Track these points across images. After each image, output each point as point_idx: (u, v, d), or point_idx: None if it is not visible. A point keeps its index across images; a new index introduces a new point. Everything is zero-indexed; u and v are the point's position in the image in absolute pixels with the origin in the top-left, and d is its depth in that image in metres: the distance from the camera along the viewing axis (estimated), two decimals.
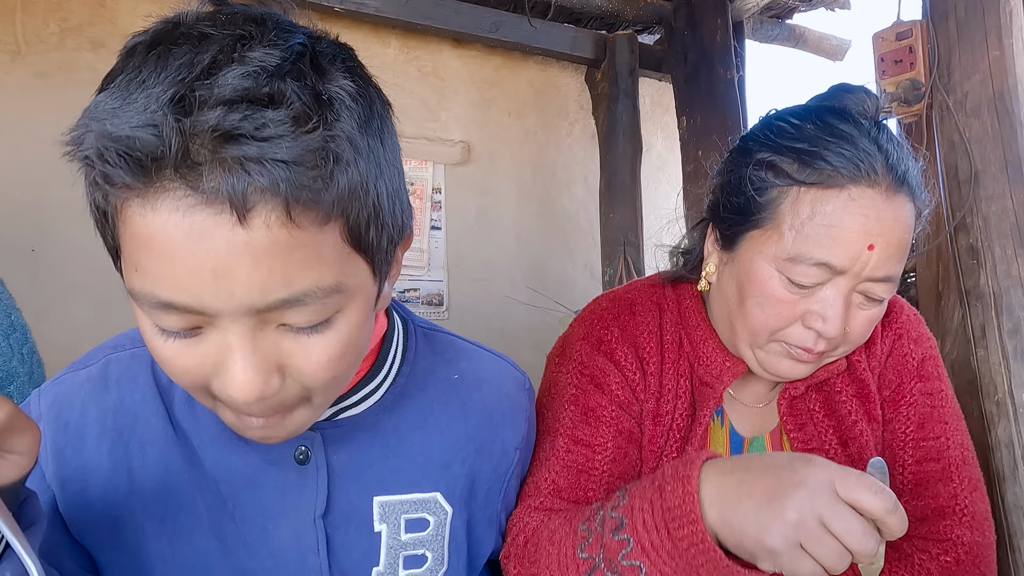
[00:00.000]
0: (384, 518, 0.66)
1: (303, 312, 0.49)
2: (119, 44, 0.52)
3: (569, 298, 2.64)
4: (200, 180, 0.43)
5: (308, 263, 0.48)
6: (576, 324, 0.92)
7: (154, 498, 0.62)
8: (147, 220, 0.45)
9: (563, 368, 0.88)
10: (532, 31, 2.51)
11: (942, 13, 1.52)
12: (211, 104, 0.43)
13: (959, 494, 0.84)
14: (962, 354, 1.56)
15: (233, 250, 0.45)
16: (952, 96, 1.49)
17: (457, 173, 2.59)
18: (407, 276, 2.46)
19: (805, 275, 0.73)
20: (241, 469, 0.63)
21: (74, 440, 0.62)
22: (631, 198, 2.51)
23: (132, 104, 0.44)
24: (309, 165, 0.45)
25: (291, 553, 0.63)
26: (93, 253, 2.23)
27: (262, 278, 0.46)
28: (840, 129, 0.75)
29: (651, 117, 2.95)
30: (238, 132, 0.43)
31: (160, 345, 0.52)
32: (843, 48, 2.96)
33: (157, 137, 0.43)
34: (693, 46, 2.43)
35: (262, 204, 0.45)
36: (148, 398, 0.64)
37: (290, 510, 0.63)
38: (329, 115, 0.47)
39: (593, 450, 0.82)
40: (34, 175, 1.95)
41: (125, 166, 0.44)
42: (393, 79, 2.49)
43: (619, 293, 0.94)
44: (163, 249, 0.46)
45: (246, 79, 0.44)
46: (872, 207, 0.71)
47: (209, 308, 0.47)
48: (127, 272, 0.51)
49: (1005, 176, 1.41)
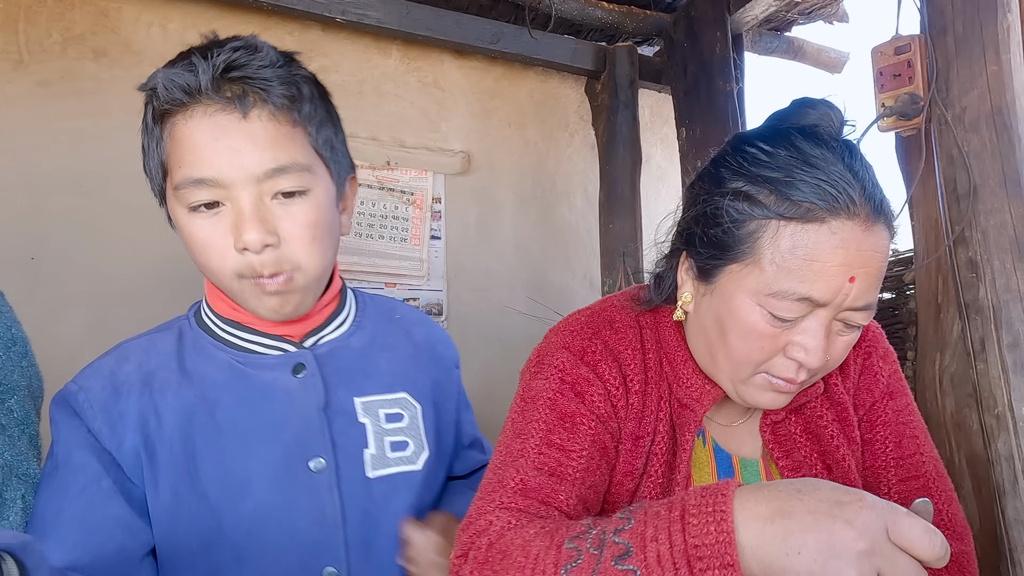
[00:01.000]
0: (366, 413, 0.87)
1: (287, 178, 0.77)
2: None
3: (568, 308, 2.62)
4: (219, 94, 0.75)
5: (287, 147, 0.77)
6: (553, 336, 0.89)
7: (183, 421, 0.80)
8: (187, 125, 0.75)
9: (541, 375, 0.85)
10: (533, 43, 2.52)
11: (940, 28, 1.53)
12: (223, 52, 0.75)
13: (941, 509, 0.86)
14: (961, 367, 1.56)
15: (241, 135, 0.75)
16: (951, 110, 1.50)
17: (457, 183, 2.59)
18: (407, 286, 2.46)
19: (788, 310, 0.73)
20: (254, 388, 0.83)
21: (114, 401, 0.80)
22: (631, 209, 2.52)
23: (177, 64, 0.76)
24: (283, 87, 0.77)
25: (303, 437, 0.82)
26: (93, 262, 2.23)
27: (260, 153, 0.75)
28: (812, 156, 0.73)
29: (651, 128, 2.96)
30: (238, 63, 0.75)
31: (194, 226, 0.77)
32: (842, 61, 2.97)
33: (192, 73, 0.74)
34: (693, 58, 2.44)
35: (256, 107, 0.76)
36: (164, 357, 0.84)
37: (298, 405, 0.83)
38: (294, 67, 0.81)
39: (567, 455, 0.79)
40: (35, 184, 1.96)
41: (177, 90, 0.74)
42: (394, 89, 2.50)
43: (595, 310, 0.91)
44: (197, 141, 0.75)
45: (240, 41, 0.78)
46: (852, 239, 0.71)
47: (227, 179, 0.75)
48: (173, 172, 0.77)
49: (1004, 190, 1.42)
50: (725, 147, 0.83)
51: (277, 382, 0.83)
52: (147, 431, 0.78)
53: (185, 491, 0.78)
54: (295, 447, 0.81)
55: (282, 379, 0.83)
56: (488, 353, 2.56)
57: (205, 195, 0.75)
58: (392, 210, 2.46)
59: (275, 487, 0.79)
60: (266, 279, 0.77)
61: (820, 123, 0.78)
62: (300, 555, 0.79)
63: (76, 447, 0.77)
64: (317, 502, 0.81)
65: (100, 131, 2.03)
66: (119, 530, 0.74)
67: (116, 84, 2.05)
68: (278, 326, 0.85)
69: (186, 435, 0.79)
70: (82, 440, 0.77)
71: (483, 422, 1.93)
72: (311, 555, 0.80)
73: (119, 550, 0.72)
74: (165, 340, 0.86)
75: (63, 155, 2.00)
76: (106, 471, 0.76)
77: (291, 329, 0.86)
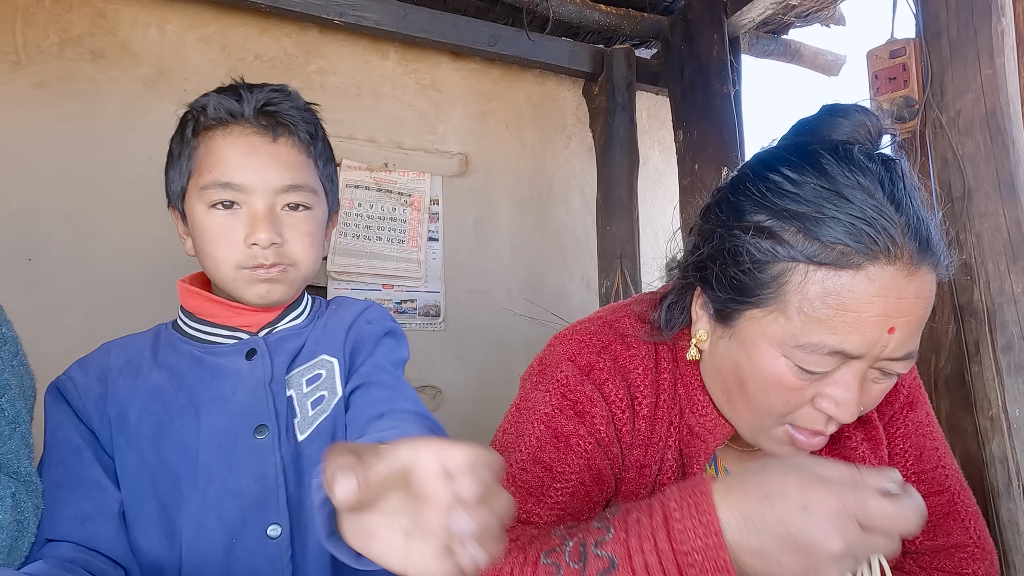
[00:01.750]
0: (290, 386, 0.96)
1: (298, 194, 0.94)
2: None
3: (566, 311, 2.64)
4: (256, 120, 0.93)
5: (302, 171, 0.95)
6: (558, 344, 0.81)
7: (149, 399, 0.92)
8: (226, 140, 0.93)
9: (541, 387, 0.78)
10: (530, 45, 2.52)
11: (935, 32, 1.53)
12: (264, 91, 0.95)
13: (970, 528, 0.81)
14: (956, 370, 1.57)
15: (268, 155, 0.93)
16: (945, 114, 1.50)
17: (455, 185, 2.60)
18: (404, 287, 2.46)
19: (818, 363, 0.64)
20: (210, 370, 0.94)
21: (95, 386, 0.94)
22: (628, 211, 2.52)
23: (226, 92, 0.96)
24: (306, 125, 0.97)
25: (249, 407, 0.92)
26: (89, 263, 2.23)
27: (281, 171, 0.93)
28: (846, 186, 0.63)
29: (648, 131, 2.97)
30: (274, 101, 0.95)
31: (210, 219, 0.93)
32: (838, 63, 2.98)
33: (239, 101, 0.93)
34: (690, 61, 2.45)
35: (283, 136, 0.95)
36: (140, 350, 0.98)
37: (247, 381, 0.93)
38: (314, 115, 1.02)
39: (554, 477, 0.73)
40: (32, 185, 1.96)
41: (225, 112, 0.93)
42: (391, 91, 2.51)
43: (607, 319, 0.82)
44: (232, 154, 0.92)
45: (279, 86, 0.98)
46: (893, 287, 0.61)
47: (250, 186, 0.92)
48: (202, 175, 0.93)
49: (998, 193, 1.43)
50: (745, 170, 0.72)
51: (232, 365, 0.95)
52: (121, 407, 0.92)
53: (150, 457, 0.90)
54: (241, 416, 0.92)
55: (237, 362, 0.95)
56: (485, 355, 2.56)
57: (228, 195, 0.92)
58: (390, 212, 2.47)
59: (222, 451, 0.90)
60: (265, 269, 0.93)
61: (854, 136, 0.69)
62: (244, 513, 0.88)
63: (61, 426, 0.91)
64: (260, 464, 0.90)
65: (97, 133, 2.03)
66: (96, 491, 0.87)
67: (113, 86, 2.05)
68: (241, 317, 0.98)
69: (151, 411, 0.92)
70: (67, 420, 0.91)
71: (478, 424, 1.93)
72: (255, 513, 0.89)
73: (96, 508, 0.86)
74: (143, 338, 1.01)
75: (60, 157, 2.00)
76: (86, 444, 0.90)
77: (250, 320, 0.98)
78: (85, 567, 0.80)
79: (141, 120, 2.07)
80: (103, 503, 0.87)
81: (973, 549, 0.80)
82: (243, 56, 2.26)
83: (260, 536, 0.88)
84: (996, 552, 0.84)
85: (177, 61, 2.14)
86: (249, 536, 0.88)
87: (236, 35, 2.26)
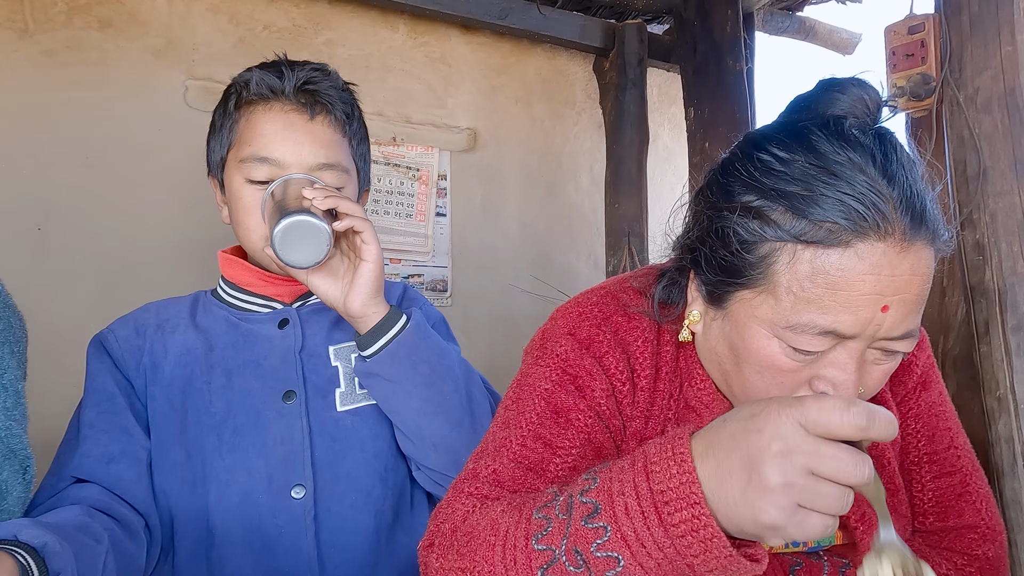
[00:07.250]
0: (337, 358, 1.01)
1: (331, 173, 0.98)
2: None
3: (572, 287, 2.64)
4: (296, 98, 0.97)
5: (336, 149, 0.99)
6: (559, 318, 0.81)
7: (183, 354, 0.99)
8: (266, 115, 0.97)
9: (541, 362, 0.78)
10: (541, 19, 2.49)
11: (955, 7, 1.51)
12: (305, 70, 0.99)
13: (982, 509, 0.81)
14: (964, 350, 1.57)
15: (305, 132, 0.97)
16: (963, 91, 1.48)
17: (463, 160, 2.58)
18: (412, 262, 2.46)
19: (810, 344, 0.63)
20: (243, 335, 1.00)
21: (134, 338, 1.01)
22: (637, 189, 2.51)
23: (269, 69, 1.00)
24: (343, 105, 1.01)
25: (279, 373, 0.98)
26: (99, 232, 2.23)
27: (316, 149, 0.97)
28: (835, 163, 0.62)
29: (659, 108, 2.94)
30: (314, 80, 0.99)
31: (246, 191, 0.97)
32: (853, 41, 2.93)
33: (280, 79, 0.97)
34: (703, 37, 2.41)
35: (321, 114, 0.99)
36: (178, 311, 1.04)
37: (278, 348, 0.99)
38: (352, 94, 1.06)
39: (554, 451, 0.72)
40: (40, 154, 1.95)
41: (267, 88, 0.97)
42: (401, 65, 2.48)
43: (610, 290, 0.81)
44: (271, 128, 0.96)
45: (320, 65, 1.02)
46: (885, 264, 0.60)
47: (286, 162, 0.96)
48: (242, 147, 0.98)
49: (1014, 172, 1.41)
50: (735, 150, 0.71)
51: (263, 331, 1.01)
52: (155, 359, 0.98)
53: (179, 407, 0.96)
54: (271, 380, 0.97)
55: (268, 330, 1.01)
56: (492, 331, 2.56)
57: (264, 172, 0.96)
58: (398, 186, 2.46)
59: (250, 412, 0.95)
60: None
61: (852, 110, 0.68)
62: (270, 472, 0.93)
63: (99, 373, 0.97)
64: (287, 427, 0.95)
65: (105, 101, 2.02)
66: (124, 436, 0.93)
67: (121, 54, 2.04)
68: (274, 287, 1.03)
69: (184, 365, 0.98)
70: (105, 369, 0.97)
71: None
72: (280, 473, 0.93)
73: (122, 451, 0.92)
74: (182, 301, 1.06)
75: (68, 125, 1.99)
76: (120, 392, 0.96)
77: (282, 291, 1.03)
78: (107, 511, 0.85)
79: (150, 90, 2.06)
80: (129, 448, 0.93)
81: (984, 530, 0.80)
82: (251, 27, 2.24)
83: (285, 496, 0.93)
84: (1005, 537, 0.83)
85: (185, 31, 2.12)
86: (274, 495, 0.93)
87: (244, 5, 2.24)
